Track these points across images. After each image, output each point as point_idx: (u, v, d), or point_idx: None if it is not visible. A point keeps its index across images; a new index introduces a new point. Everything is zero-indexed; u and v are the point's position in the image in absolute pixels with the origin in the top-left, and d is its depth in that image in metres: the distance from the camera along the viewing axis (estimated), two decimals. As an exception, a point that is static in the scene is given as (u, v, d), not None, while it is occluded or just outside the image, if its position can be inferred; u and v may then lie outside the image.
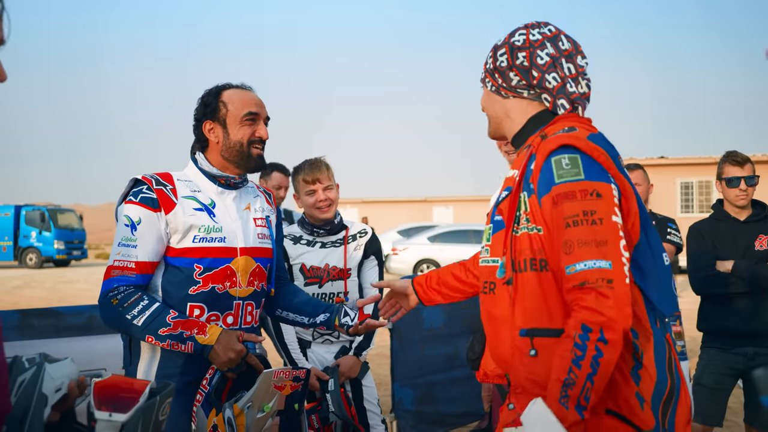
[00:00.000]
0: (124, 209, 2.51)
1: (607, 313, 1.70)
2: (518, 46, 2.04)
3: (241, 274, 2.58)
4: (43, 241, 30.50)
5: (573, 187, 1.80)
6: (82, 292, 18.51)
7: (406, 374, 5.00)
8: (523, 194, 1.92)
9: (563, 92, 2.01)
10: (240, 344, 2.44)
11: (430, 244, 21.81)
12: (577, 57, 2.03)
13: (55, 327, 3.73)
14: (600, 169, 1.83)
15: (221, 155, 2.62)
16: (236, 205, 2.65)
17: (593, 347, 1.68)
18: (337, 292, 3.65)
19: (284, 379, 2.38)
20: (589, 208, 1.78)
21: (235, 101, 2.62)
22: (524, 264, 1.89)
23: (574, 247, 1.76)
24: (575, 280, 1.75)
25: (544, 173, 1.86)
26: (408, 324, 5.04)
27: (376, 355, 3.87)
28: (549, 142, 1.89)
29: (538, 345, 1.85)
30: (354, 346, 3.71)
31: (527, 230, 1.89)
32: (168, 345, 2.42)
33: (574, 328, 1.72)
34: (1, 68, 1.39)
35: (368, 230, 3.80)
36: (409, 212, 41.20)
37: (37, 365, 1.54)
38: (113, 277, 2.46)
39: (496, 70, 2.08)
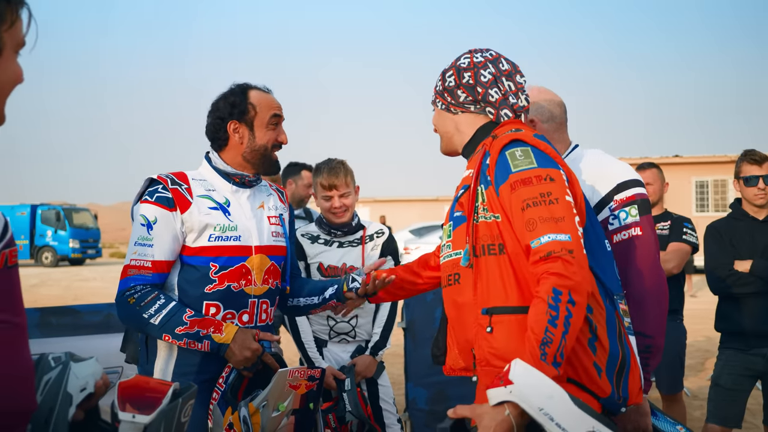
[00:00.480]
0: (140, 209, 2.52)
1: (573, 277, 1.89)
2: (464, 68, 2.29)
3: (256, 272, 2.59)
4: (58, 240, 30.73)
5: (528, 174, 2.03)
6: (97, 290, 18.62)
7: (419, 373, 4.99)
8: (480, 187, 2.13)
9: (505, 104, 2.25)
10: (256, 343, 2.45)
11: (443, 244, 21.78)
12: (516, 75, 2.29)
13: (73, 325, 3.76)
14: (549, 158, 2.08)
15: (242, 156, 2.63)
16: (250, 203, 2.66)
17: (564, 308, 1.87)
18: (354, 291, 3.65)
19: (299, 378, 2.39)
20: (545, 190, 2.01)
21: (262, 103, 2.64)
22: (483, 249, 2.10)
23: (537, 223, 1.98)
24: (542, 252, 1.94)
25: (500, 165, 2.08)
26: (421, 323, 5.04)
27: (389, 355, 3.88)
28: (500, 140, 2.13)
29: (495, 322, 2.05)
30: (370, 345, 3.71)
31: (485, 219, 2.10)
32: (185, 343, 2.43)
33: (546, 292, 1.89)
34: (20, 70, 1.40)
35: (385, 230, 3.81)
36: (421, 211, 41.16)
37: (62, 364, 1.55)
38: (130, 276, 2.47)
39: (445, 90, 2.33)
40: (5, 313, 1.33)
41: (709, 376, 4.73)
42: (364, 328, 3.73)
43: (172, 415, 1.67)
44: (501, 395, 1.84)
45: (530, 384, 1.81)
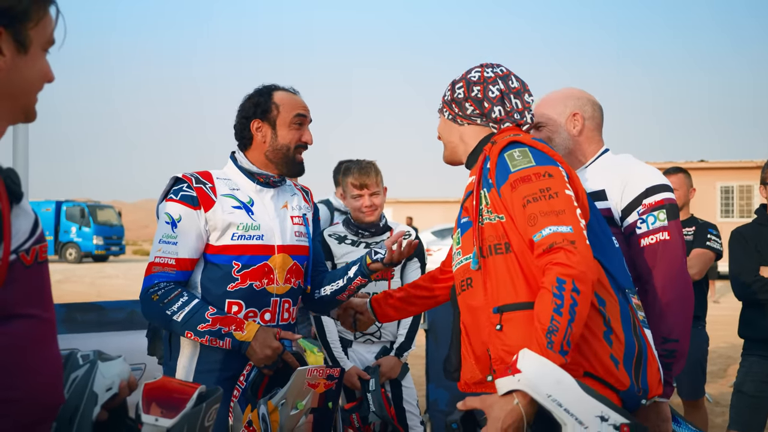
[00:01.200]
0: (165, 207, 2.56)
1: (577, 266, 1.91)
2: (474, 81, 2.34)
3: (278, 271, 2.61)
4: (82, 237, 31.05)
5: (527, 172, 2.08)
6: (120, 287, 18.80)
7: (441, 375, 4.98)
8: (483, 191, 2.18)
9: (508, 120, 2.31)
10: (277, 341, 2.47)
11: (465, 245, 21.71)
12: (525, 94, 2.34)
13: (97, 321, 3.80)
14: (546, 156, 2.13)
15: (265, 155, 2.65)
16: (274, 203, 2.69)
17: (569, 296, 1.88)
18: (379, 292, 3.66)
19: (318, 377, 2.40)
20: (544, 186, 2.05)
21: (285, 103, 2.66)
22: (490, 249, 2.13)
23: (538, 218, 2.01)
24: (544, 244, 1.97)
25: (500, 167, 2.14)
26: (443, 325, 5.03)
27: (411, 356, 3.87)
28: (499, 144, 2.19)
29: (505, 319, 2.06)
30: (395, 346, 3.72)
31: (490, 220, 2.14)
32: (206, 341, 2.46)
33: (550, 282, 1.91)
34: (48, 68, 1.42)
35: (412, 232, 3.80)
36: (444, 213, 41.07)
37: (90, 363, 1.56)
38: (154, 273, 2.51)
39: (453, 101, 2.38)
40: (36, 308, 1.35)
41: (731, 382, 4.67)
42: (389, 329, 3.73)
43: (195, 419, 1.67)
44: (509, 384, 1.87)
45: (538, 372, 1.83)
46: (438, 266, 2.75)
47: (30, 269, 1.34)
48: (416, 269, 3.78)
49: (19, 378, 1.31)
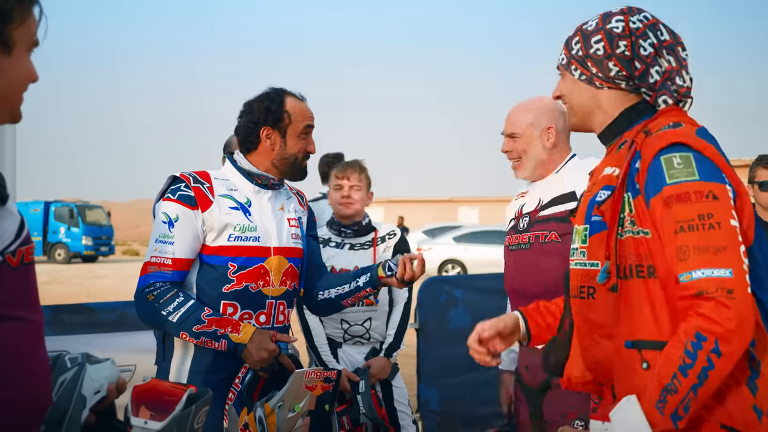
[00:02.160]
0: (162, 206, 2.54)
1: (725, 324, 1.57)
2: (617, 34, 1.86)
3: (274, 273, 2.60)
4: (71, 237, 30.91)
5: (687, 188, 1.67)
6: (110, 287, 18.72)
7: (432, 375, 4.99)
8: (627, 195, 1.78)
9: (665, 87, 1.86)
10: (273, 344, 2.46)
11: (456, 245, 21.77)
12: (678, 48, 1.88)
13: (86, 323, 3.77)
14: (714, 168, 1.71)
15: (272, 162, 2.64)
16: (271, 204, 2.67)
17: (704, 358, 1.57)
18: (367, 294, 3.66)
19: (315, 379, 2.39)
20: (705, 210, 1.65)
21: (297, 112, 2.65)
22: (630, 270, 1.76)
23: (690, 253, 1.64)
24: (691, 289, 1.62)
25: (653, 173, 1.73)
26: (434, 324, 5.03)
27: (402, 355, 3.87)
28: (657, 139, 1.75)
29: (649, 358, 1.71)
30: (384, 347, 3.71)
31: (632, 234, 1.76)
32: (201, 342, 2.45)
33: (686, 333, 1.60)
34: (32, 68, 1.40)
35: (397, 232, 3.81)
36: (435, 212, 41.15)
37: (78, 365, 1.55)
38: (150, 273, 2.50)
39: (588, 58, 1.91)
40: (22, 310, 1.35)
41: None
42: (377, 330, 3.73)
43: (185, 422, 1.66)
44: (597, 429, 1.71)
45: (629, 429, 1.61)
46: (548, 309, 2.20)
47: (16, 271, 1.34)
48: None
49: (14, 379, 1.32)
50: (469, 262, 20.71)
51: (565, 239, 2.77)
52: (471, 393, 5.18)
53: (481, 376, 5.26)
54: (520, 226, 2.95)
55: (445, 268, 21.26)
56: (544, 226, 2.85)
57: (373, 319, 3.69)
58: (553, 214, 2.84)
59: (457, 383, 5.13)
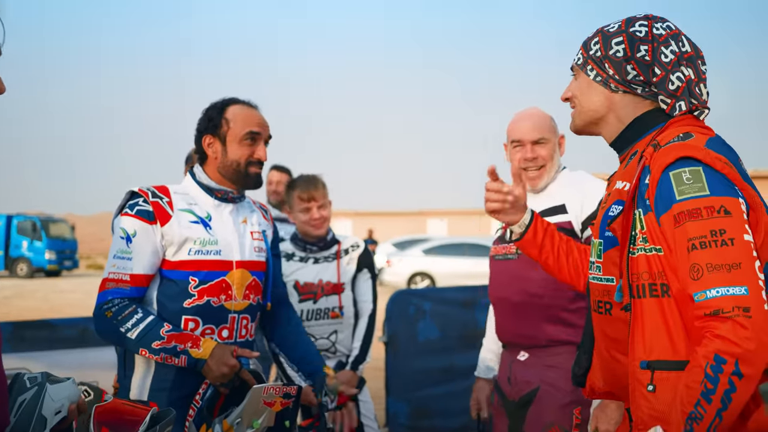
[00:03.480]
0: (119, 222, 2.51)
1: (744, 344, 1.53)
2: (640, 38, 1.83)
3: (236, 287, 2.57)
4: (34, 251, 30.35)
5: (697, 204, 1.63)
6: (74, 302, 18.41)
7: (400, 388, 4.99)
8: (638, 211, 1.74)
9: (686, 95, 1.82)
10: (233, 359, 2.43)
11: (425, 257, 21.79)
12: (698, 61, 1.85)
13: (48, 338, 3.71)
14: (725, 182, 1.66)
15: (218, 171, 2.62)
16: (233, 218, 2.64)
17: (726, 381, 1.53)
18: (331, 306, 3.64)
19: (274, 395, 2.35)
20: (717, 227, 1.60)
21: (237, 119, 2.60)
22: (643, 289, 1.73)
23: (704, 271, 1.59)
24: (707, 308, 1.57)
25: (662, 189, 1.69)
26: (403, 337, 5.03)
27: (370, 369, 3.85)
28: (664, 154, 1.72)
29: (658, 379, 1.69)
30: (350, 360, 3.69)
31: (644, 251, 1.73)
32: (161, 358, 2.41)
33: (705, 357, 1.55)
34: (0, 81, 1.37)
35: (360, 244, 3.80)
36: (404, 224, 41.21)
37: (38, 385, 1.52)
38: (108, 289, 2.46)
39: (606, 59, 1.86)
40: None
41: None
42: (343, 344, 3.70)
43: None
44: None
45: None
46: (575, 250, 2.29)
47: None
48: (367, 280, 3.76)
49: None
50: (438, 274, 20.75)
51: None
52: (440, 406, 5.18)
53: (450, 389, 5.28)
54: (507, 236, 2.93)
55: (414, 281, 21.27)
56: None
57: (338, 332, 3.67)
58: None
59: (426, 396, 5.12)
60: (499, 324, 2.99)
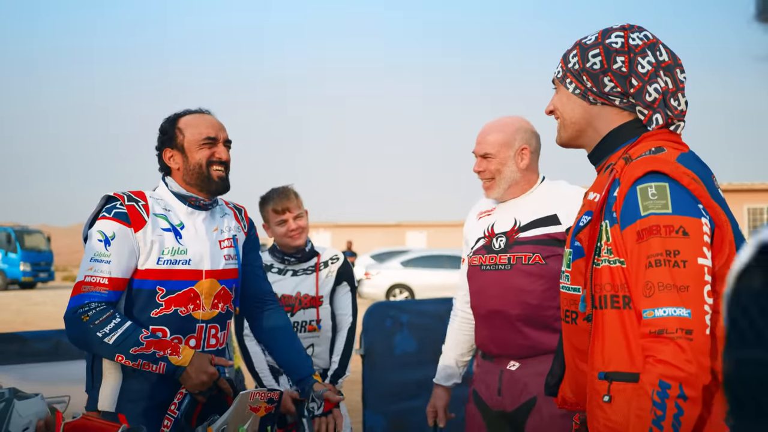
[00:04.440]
0: (97, 225, 2.48)
1: (685, 368, 1.57)
2: (616, 49, 1.83)
3: (204, 296, 2.56)
4: (8, 263, 29.96)
5: (658, 222, 1.65)
6: (48, 314, 18.17)
7: (377, 401, 4.96)
8: (604, 223, 1.76)
9: (662, 107, 1.82)
10: (212, 367, 2.42)
11: (404, 269, 21.80)
12: (677, 70, 1.85)
13: (19, 352, 3.65)
14: (689, 200, 1.68)
15: (184, 180, 2.61)
16: (206, 226, 2.64)
17: (673, 405, 1.57)
18: (309, 320, 3.63)
19: (260, 400, 2.36)
20: (672, 247, 1.63)
21: (190, 127, 2.61)
22: (604, 300, 1.75)
23: (655, 290, 1.63)
24: (652, 326, 1.62)
25: (628, 203, 1.71)
26: (380, 349, 5.01)
27: (347, 381, 3.84)
28: (634, 168, 1.73)
29: (615, 390, 1.71)
30: (329, 374, 3.67)
31: (608, 263, 1.74)
32: (139, 364, 2.37)
33: (651, 384, 1.59)
34: None
35: (340, 256, 3.79)
36: (383, 236, 41.20)
37: (6, 402, 1.50)
38: (84, 292, 2.41)
39: (584, 72, 1.87)
40: None
41: None
42: (321, 357, 3.69)
43: None
44: None
45: None
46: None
47: None
48: (346, 293, 3.75)
49: None
50: (417, 286, 20.76)
51: (549, 261, 2.77)
52: (417, 419, 5.16)
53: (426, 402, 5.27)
54: (494, 246, 2.90)
55: (393, 293, 21.25)
56: (525, 247, 2.82)
57: (315, 346, 3.66)
58: (535, 236, 2.83)
59: (404, 409, 5.10)
60: (488, 336, 2.93)
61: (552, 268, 2.75)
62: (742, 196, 24.64)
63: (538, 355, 2.79)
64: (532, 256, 2.80)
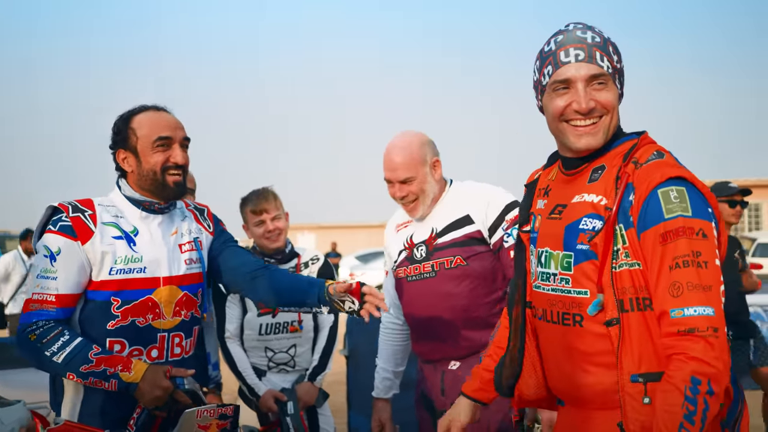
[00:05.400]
0: (43, 240, 2.38)
1: (715, 364, 1.62)
2: (615, 47, 1.87)
3: (164, 305, 2.45)
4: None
5: (682, 224, 1.70)
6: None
7: (362, 401, 4.96)
8: (619, 227, 1.78)
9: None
10: (167, 380, 2.32)
11: (388, 270, 21.83)
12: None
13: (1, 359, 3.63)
14: (704, 205, 1.74)
15: (137, 184, 2.48)
16: (162, 230, 2.51)
17: (702, 401, 1.61)
18: (290, 320, 3.64)
19: (209, 417, 2.27)
20: (696, 248, 1.69)
21: (144, 126, 2.46)
22: (630, 303, 1.77)
23: (684, 290, 1.67)
24: (682, 325, 1.65)
25: (651, 207, 1.73)
26: (364, 350, 5.02)
27: (333, 383, 3.86)
28: (651, 173, 1.76)
29: (652, 391, 1.73)
30: (309, 372, 3.68)
31: (628, 266, 1.77)
32: (90, 382, 2.29)
33: (683, 381, 1.62)
34: None
35: (320, 256, 3.81)
36: (368, 237, 41.20)
37: None
38: (32, 311, 2.33)
39: (619, 72, 1.88)
40: None
41: None
42: (303, 357, 3.70)
43: None
44: None
45: None
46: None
47: None
48: None
49: None
50: (401, 286, 20.79)
51: (471, 261, 2.84)
52: (401, 419, 5.17)
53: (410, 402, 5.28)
54: (416, 256, 2.97)
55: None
56: (445, 252, 2.89)
57: (297, 346, 3.67)
58: (453, 240, 2.89)
59: (388, 409, 5.11)
60: (424, 343, 3.00)
61: (474, 267, 2.85)
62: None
63: (476, 353, 2.81)
64: (454, 259, 2.87)
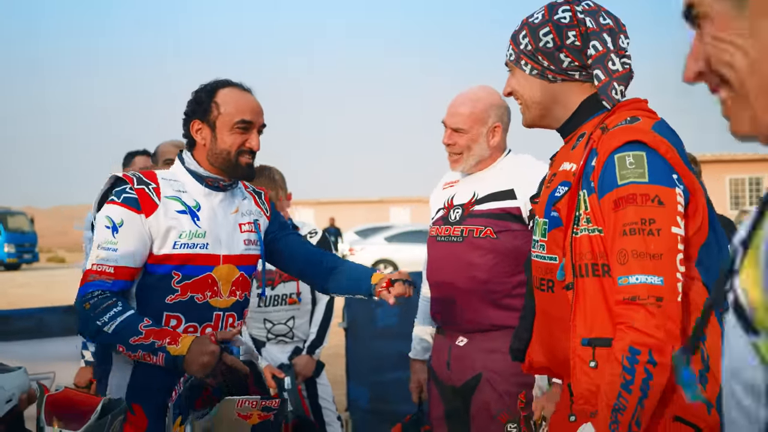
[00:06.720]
0: (105, 210, 2.34)
1: (655, 334, 1.61)
2: (566, 24, 1.85)
3: (222, 283, 2.41)
4: (-8, 245, 29.76)
5: (634, 191, 1.67)
6: (32, 296, 18.09)
7: (360, 373, 5.03)
8: (582, 192, 1.78)
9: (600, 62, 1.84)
10: (213, 344, 2.22)
11: (387, 245, 21.88)
12: (620, 36, 1.87)
13: (2, 331, 3.67)
14: (666, 169, 1.69)
15: (207, 159, 2.43)
16: (223, 208, 2.46)
17: (642, 370, 1.61)
18: (289, 293, 3.68)
19: (250, 408, 2.15)
20: (647, 215, 1.66)
21: (229, 104, 2.40)
22: (585, 269, 1.77)
23: (629, 257, 1.65)
24: (626, 293, 1.65)
25: (606, 172, 1.72)
26: (362, 322, 5.08)
27: (331, 355, 3.91)
28: (612, 137, 1.74)
29: (599, 356, 1.73)
30: (307, 344, 3.73)
31: (588, 231, 1.76)
32: (139, 355, 2.23)
33: (621, 350, 1.63)
34: None
35: (318, 230, 3.83)
36: (366, 212, 41.20)
37: None
38: (90, 281, 2.29)
39: (539, 51, 1.88)
40: None
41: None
42: (301, 329, 3.74)
43: (99, 431, 1.65)
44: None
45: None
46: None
47: None
48: None
49: None
50: (401, 261, 20.82)
51: (501, 236, 2.74)
52: (400, 390, 5.24)
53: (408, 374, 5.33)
54: (451, 218, 2.87)
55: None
56: (478, 220, 2.78)
57: (296, 318, 3.71)
58: (489, 210, 2.78)
59: (386, 381, 5.17)
60: (439, 308, 2.93)
61: (503, 243, 2.74)
62: (724, 166, 24.71)
63: (485, 330, 2.78)
64: (484, 230, 2.76)
